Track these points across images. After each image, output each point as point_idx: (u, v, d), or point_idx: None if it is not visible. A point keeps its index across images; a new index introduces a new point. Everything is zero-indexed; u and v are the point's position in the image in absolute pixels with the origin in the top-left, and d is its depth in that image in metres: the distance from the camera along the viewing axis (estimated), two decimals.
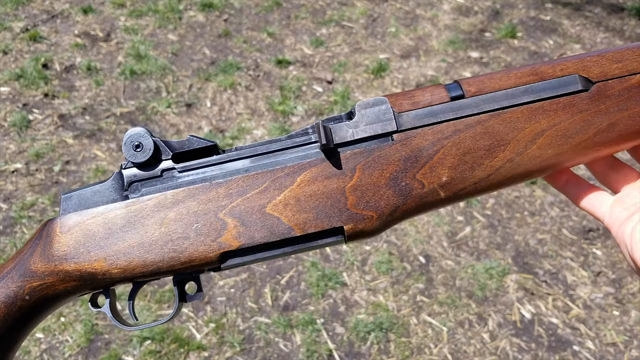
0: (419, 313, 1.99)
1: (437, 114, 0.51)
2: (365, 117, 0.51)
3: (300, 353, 1.86)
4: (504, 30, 3.27)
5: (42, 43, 3.06)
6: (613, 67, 0.52)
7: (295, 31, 3.25)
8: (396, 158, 0.50)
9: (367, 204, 0.50)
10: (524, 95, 0.51)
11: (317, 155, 0.51)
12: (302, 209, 0.50)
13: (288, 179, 0.50)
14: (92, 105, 2.73)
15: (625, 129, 0.52)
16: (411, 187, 0.50)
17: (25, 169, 2.43)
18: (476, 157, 0.51)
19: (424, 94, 0.52)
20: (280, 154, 0.52)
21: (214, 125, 2.65)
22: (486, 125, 0.51)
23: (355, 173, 0.50)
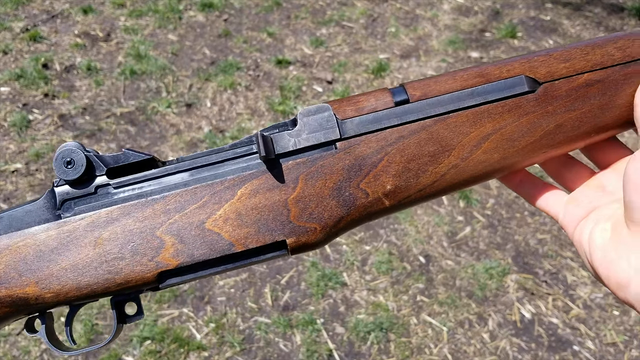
0: (419, 313, 1.99)
1: (381, 120, 0.49)
2: (307, 125, 0.49)
3: (300, 353, 1.86)
4: (504, 30, 3.27)
5: (42, 43, 3.06)
6: (560, 67, 0.51)
7: (295, 31, 3.25)
8: (339, 167, 0.49)
9: (310, 216, 0.48)
10: (470, 98, 0.50)
11: (259, 167, 0.49)
12: (243, 223, 0.48)
13: (228, 192, 0.48)
14: (92, 105, 2.73)
15: (572, 130, 0.51)
16: (355, 196, 0.49)
17: (25, 169, 2.43)
18: (421, 163, 0.49)
19: (369, 99, 0.50)
20: (221, 166, 0.49)
21: (214, 125, 2.65)
22: (430, 130, 0.49)
23: (297, 184, 0.48)
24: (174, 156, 2.52)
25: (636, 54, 0.51)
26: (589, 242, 0.49)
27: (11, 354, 1.88)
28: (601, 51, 0.51)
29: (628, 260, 0.45)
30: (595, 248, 0.48)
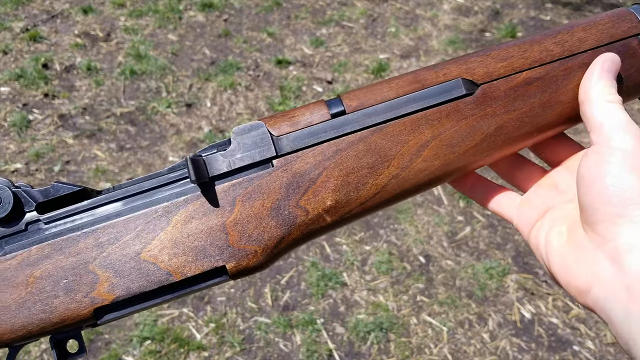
0: (419, 313, 1.99)
1: (317, 134, 0.48)
2: (241, 144, 0.47)
3: (300, 353, 1.86)
4: (504, 30, 3.27)
5: (42, 43, 3.06)
6: (498, 67, 0.49)
7: (295, 31, 3.25)
8: (277, 186, 0.47)
9: (249, 239, 0.46)
10: (406, 105, 0.48)
11: (193, 191, 0.46)
12: (180, 251, 0.45)
13: (163, 220, 0.46)
14: (92, 105, 2.73)
15: (515, 131, 0.49)
16: (295, 215, 0.47)
17: (25, 169, 2.43)
18: (360, 176, 0.47)
19: (304, 113, 0.48)
20: (155, 193, 0.47)
21: (214, 125, 2.65)
22: (368, 141, 0.48)
23: (235, 206, 0.46)
24: (174, 156, 2.52)
25: (575, 48, 0.49)
26: (546, 245, 0.48)
27: None
28: (539, 47, 0.49)
29: (586, 265, 0.43)
30: (553, 252, 0.47)
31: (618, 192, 0.42)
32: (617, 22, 0.50)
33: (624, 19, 0.50)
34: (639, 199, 0.41)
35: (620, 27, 0.50)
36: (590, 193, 0.43)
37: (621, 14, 0.51)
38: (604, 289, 0.41)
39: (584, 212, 0.44)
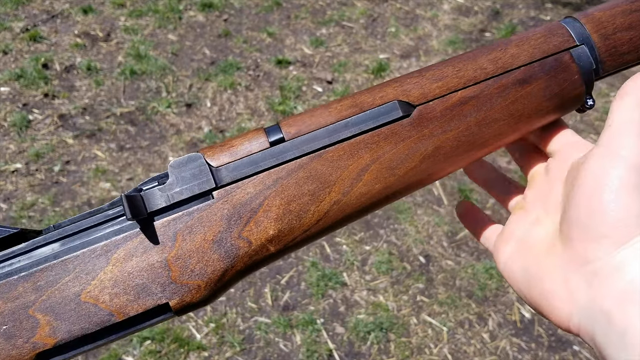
0: (419, 313, 1.99)
1: (257, 163, 0.47)
2: (179, 177, 0.46)
3: (300, 353, 1.86)
4: (504, 30, 3.27)
5: (42, 43, 3.06)
6: (433, 87, 0.49)
7: (295, 31, 3.25)
8: (218, 217, 0.46)
9: (192, 274, 0.45)
10: (345, 130, 0.48)
11: (132, 228, 0.45)
12: (121, 290, 0.44)
13: (101, 259, 0.44)
14: (92, 105, 2.73)
15: (452, 151, 0.49)
16: (237, 246, 0.46)
17: (25, 169, 2.43)
18: (302, 203, 0.47)
19: (243, 142, 0.48)
20: (94, 232, 0.46)
21: (214, 125, 2.65)
22: (308, 168, 0.47)
23: (175, 241, 0.45)
24: (174, 156, 2.52)
25: (508, 65, 0.49)
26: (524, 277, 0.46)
27: None
28: (473, 66, 0.49)
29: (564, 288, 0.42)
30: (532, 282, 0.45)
31: (614, 211, 0.40)
32: (549, 36, 0.50)
33: (555, 33, 0.50)
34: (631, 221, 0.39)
35: (552, 42, 0.50)
36: (582, 207, 0.41)
37: (553, 28, 0.51)
38: (583, 313, 0.40)
39: (569, 227, 0.42)
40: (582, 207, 0.42)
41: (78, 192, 2.35)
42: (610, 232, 0.39)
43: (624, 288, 0.38)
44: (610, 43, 0.50)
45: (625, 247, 0.39)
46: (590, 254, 0.40)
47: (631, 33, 0.50)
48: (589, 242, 0.40)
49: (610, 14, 0.50)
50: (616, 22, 0.50)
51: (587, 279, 0.40)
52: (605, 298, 0.38)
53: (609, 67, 0.51)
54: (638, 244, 0.39)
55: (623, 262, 0.38)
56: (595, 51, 0.50)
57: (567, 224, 0.43)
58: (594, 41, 0.50)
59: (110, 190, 2.36)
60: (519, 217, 0.52)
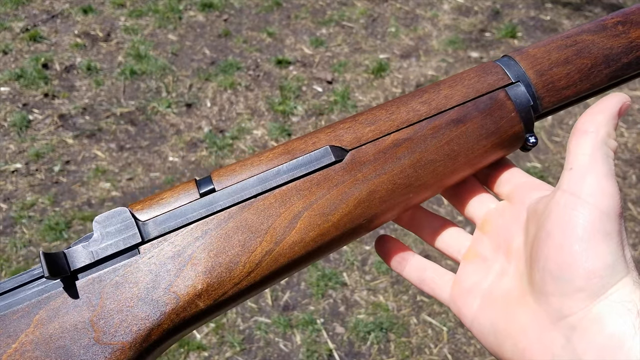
0: (419, 313, 1.99)
1: (185, 215, 0.45)
2: (104, 233, 0.44)
3: (300, 353, 1.86)
4: (504, 30, 3.27)
5: (42, 43, 3.06)
6: (366, 131, 0.48)
7: (295, 31, 3.25)
8: (145, 273, 0.44)
9: (115, 333, 0.43)
10: (276, 177, 0.46)
11: (56, 287, 0.43)
12: (42, 353, 0.41)
13: (23, 321, 0.42)
14: (92, 105, 2.73)
15: (388, 195, 0.48)
16: (164, 303, 0.44)
17: (25, 169, 2.43)
18: (231, 255, 0.45)
19: (173, 194, 0.46)
20: (16, 293, 0.43)
21: (214, 125, 2.65)
22: (238, 218, 0.45)
23: (99, 300, 0.43)
24: (174, 156, 2.52)
25: (442, 106, 0.48)
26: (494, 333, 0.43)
27: None
28: (406, 108, 0.49)
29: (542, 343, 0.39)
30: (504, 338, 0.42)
31: (584, 262, 0.38)
32: (483, 75, 0.50)
33: (489, 72, 0.50)
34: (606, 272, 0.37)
35: (486, 81, 0.49)
36: (554, 259, 0.39)
37: (487, 68, 0.50)
38: None
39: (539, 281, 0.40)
40: (553, 260, 0.39)
41: (78, 192, 2.35)
42: (585, 284, 0.37)
43: (604, 343, 0.36)
44: (546, 79, 0.49)
45: (601, 299, 0.37)
46: (565, 308, 0.38)
47: (568, 67, 0.49)
48: (563, 296, 0.38)
49: (545, 50, 0.50)
50: (551, 58, 0.49)
51: (564, 334, 0.38)
52: (586, 353, 0.37)
53: (548, 103, 0.50)
54: (614, 296, 0.37)
55: (600, 316, 0.37)
56: (532, 88, 0.49)
57: (539, 276, 0.40)
58: (529, 77, 0.49)
59: (110, 190, 2.36)
60: (478, 267, 0.48)
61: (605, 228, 0.38)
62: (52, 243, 2.16)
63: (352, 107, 2.75)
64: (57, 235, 2.17)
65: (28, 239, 2.17)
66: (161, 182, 2.40)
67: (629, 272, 0.38)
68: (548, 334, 0.39)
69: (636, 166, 2.54)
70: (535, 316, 0.40)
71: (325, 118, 2.71)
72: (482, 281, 0.47)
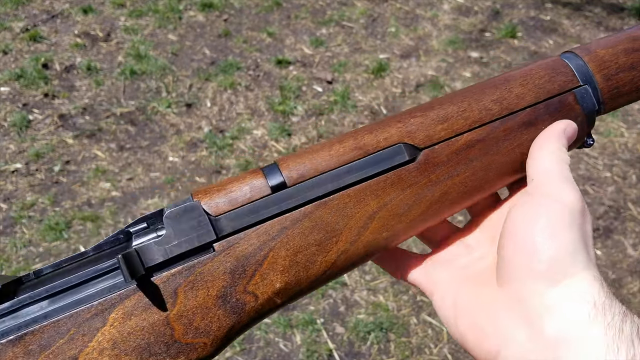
0: (419, 313, 1.99)
1: (259, 211, 0.44)
2: (177, 230, 0.42)
3: (300, 353, 1.86)
4: (504, 30, 3.27)
5: (42, 43, 3.06)
6: (438, 129, 0.47)
7: (295, 31, 3.25)
8: (221, 271, 0.43)
9: (196, 332, 0.42)
10: (349, 175, 0.45)
11: (128, 285, 0.42)
12: (122, 351, 0.41)
13: (97, 320, 0.41)
14: (92, 105, 2.73)
15: (458, 196, 0.48)
16: (244, 302, 0.43)
17: (25, 169, 2.43)
18: (308, 254, 0.44)
19: (242, 187, 0.44)
20: (84, 287, 0.42)
21: (214, 125, 2.65)
22: (313, 217, 0.45)
23: (177, 298, 0.42)
24: (174, 156, 2.52)
25: (514, 106, 0.48)
26: (454, 306, 0.45)
27: None
28: (478, 106, 0.48)
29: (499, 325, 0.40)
30: (462, 312, 0.44)
31: (546, 249, 0.39)
32: (553, 75, 0.49)
33: (559, 71, 0.49)
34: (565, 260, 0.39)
35: (556, 81, 0.49)
36: (515, 247, 0.41)
37: (556, 67, 0.49)
38: (514, 353, 0.39)
39: (503, 268, 0.42)
40: (515, 247, 0.41)
41: (78, 192, 2.35)
42: (545, 270, 0.39)
43: (558, 327, 0.37)
44: (612, 84, 0.49)
45: (559, 287, 0.38)
46: (526, 293, 0.39)
47: (633, 73, 0.49)
48: (523, 281, 0.40)
49: (612, 52, 0.49)
50: (619, 62, 0.49)
51: (525, 317, 0.39)
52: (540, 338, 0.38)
53: (609, 107, 0.50)
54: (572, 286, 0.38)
55: (557, 302, 0.38)
56: (598, 92, 0.49)
57: (502, 263, 0.42)
58: (596, 81, 0.48)
59: (110, 190, 2.36)
60: (459, 249, 0.50)
61: (567, 220, 0.40)
62: (52, 243, 2.16)
63: (352, 107, 2.75)
64: (57, 235, 2.17)
65: (28, 239, 2.17)
66: (161, 182, 2.40)
67: (589, 268, 0.39)
68: (504, 316, 0.40)
69: (636, 166, 2.54)
70: (496, 298, 0.42)
71: (325, 118, 2.71)
72: (460, 258, 0.49)
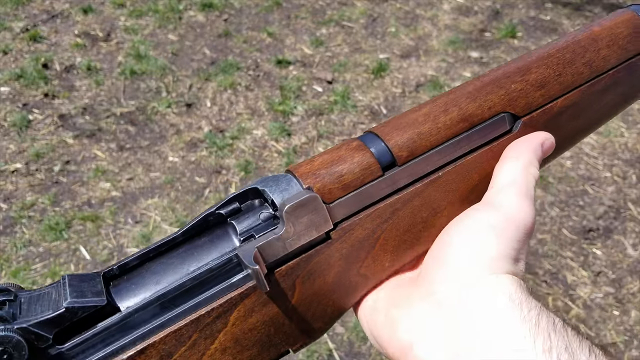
0: None
1: (371, 194, 0.43)
2: (296, 223, 0.41)
3: (300, 353, 1.86)
4: (504, 30, 3.27)
5: (42, 43, 3.06)
6: (537, 96, 0.46)
7: (295, 31, 3.25)
8: (337, 258, 0.42)
9: (313, 317, 0.43)
10: (457, 149, 0.44)
11: (246, 282, 0.40)
12: (243, 347, 0.41)
13: (219, 322, 0.40)
14: (92, 105, 2.73)
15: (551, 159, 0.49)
16: (356, 284, 0.44)
17: (25, 169, 2.43)
18: (415, 232, 0.44)
19: (352, 169, 0.42)
20: (196, 289, 0.40)
21: (214, 125, 2.65)
22: (423, 195, 0.44)
23: (295, 289, 0.42)
24: (174, 156, 2.51)
25: (601, 68, 0.47)
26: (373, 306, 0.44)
27: None
28: (571, 70, 0.47)
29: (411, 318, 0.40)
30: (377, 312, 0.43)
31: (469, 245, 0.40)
32: (635, 35, 0.48)
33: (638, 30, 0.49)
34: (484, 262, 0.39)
35: (637, 42, 0.48)
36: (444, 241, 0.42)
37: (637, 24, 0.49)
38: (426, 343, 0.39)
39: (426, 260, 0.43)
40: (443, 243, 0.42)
41: (78, 192, 2.35)
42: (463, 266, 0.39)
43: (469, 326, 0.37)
44: None
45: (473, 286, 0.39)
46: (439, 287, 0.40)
47: None
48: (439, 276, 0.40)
49: None
50: None
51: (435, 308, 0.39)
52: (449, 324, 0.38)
53: None
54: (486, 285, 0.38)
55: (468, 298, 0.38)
56: None
57: (424, 263, 0.43)
58: None
59: (110, 190, 2.36)
60: None
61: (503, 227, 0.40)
62: (52, 243, 2.16)
63: (352, 107, 2.75)
64: (57, 235, 2.17)
65: (28, 239, 2.17)
66: (161, 182, 2.40)
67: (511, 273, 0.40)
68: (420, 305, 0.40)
69: (636, 166, 2.54)
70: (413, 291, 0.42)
71: (325, 118, 2.71)
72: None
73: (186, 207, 2.31)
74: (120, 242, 2.19)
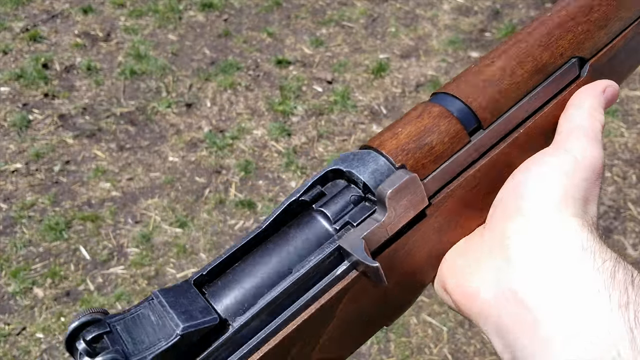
0: (419, 313, 1.99)
1: (459, 162, 0.42)
2: (397, 207, 0.39)
3: None
4: (504, 30, 3.27)
5: (42, 43, 3.06)
6: (601, 35, 0.44)
7: (295, 31, 3.25)
8: (431, 232, 0.42)
9: (410, 290, 0.44)
10: (532, 102, 0.43)
11: (349, 273, 0.38)
12: (349, 333, 0.41)
13: (328, 315, 0.39)
14: (92, 105, 2.73)
15: None
16: (443, 251, 0.44)
17: (25, 169, 2.43)
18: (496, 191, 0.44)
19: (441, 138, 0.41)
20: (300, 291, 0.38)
21: (214, 125, 2.65)
22: (506, 155, 0.44)
23: (395, 270, 0.41)
24: (174, 156, 2.51)
25: None
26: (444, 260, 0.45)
27: (11, 354, 1.88)
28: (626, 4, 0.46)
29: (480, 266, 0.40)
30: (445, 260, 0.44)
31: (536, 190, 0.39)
32: None
33: None
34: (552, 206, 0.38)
35: None
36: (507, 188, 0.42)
37: None
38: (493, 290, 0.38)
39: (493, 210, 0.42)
40: (510, 187, 0.42)
41: (78, 192, 2.35)
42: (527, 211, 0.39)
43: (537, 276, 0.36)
44: None
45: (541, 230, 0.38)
46: (507, 232, 0.39)
47: None
48: (505, 219, 0.40)
49: None
50: None
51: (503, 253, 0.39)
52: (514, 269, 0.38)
53: None
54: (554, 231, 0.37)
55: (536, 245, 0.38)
56: None
57: (493, 207, 0.43)
58: None
59: (110, 190, 2.36)
60: None
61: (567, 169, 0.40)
62: (52, 243, 2.16)
63: (352, 107, 2.75)
64: (57, 235, 2.17)
65: (28, 239, 2.17)
66: (161, 182, 2.40)
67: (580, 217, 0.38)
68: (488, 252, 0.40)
69: (636, 166, 2.54)
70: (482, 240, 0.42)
71: (325, 118, 2.71)
72: None
73: (186, 207, 2.31)
74: (120, 242, 2.19)
